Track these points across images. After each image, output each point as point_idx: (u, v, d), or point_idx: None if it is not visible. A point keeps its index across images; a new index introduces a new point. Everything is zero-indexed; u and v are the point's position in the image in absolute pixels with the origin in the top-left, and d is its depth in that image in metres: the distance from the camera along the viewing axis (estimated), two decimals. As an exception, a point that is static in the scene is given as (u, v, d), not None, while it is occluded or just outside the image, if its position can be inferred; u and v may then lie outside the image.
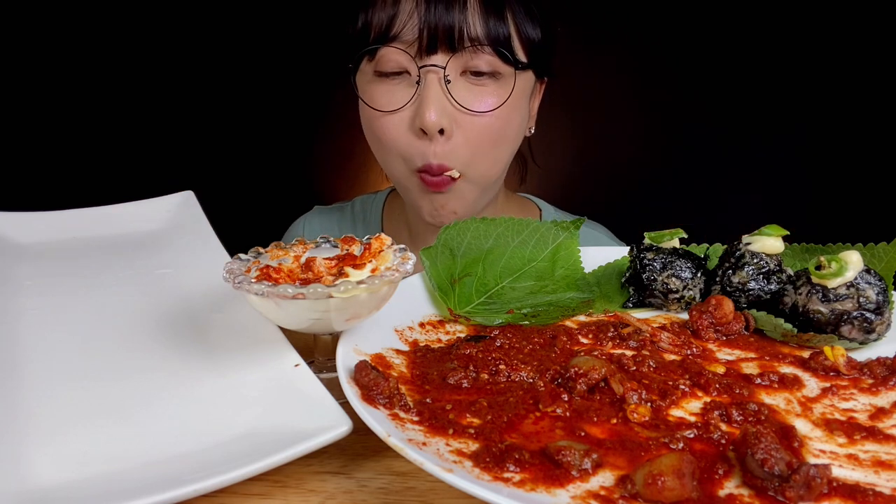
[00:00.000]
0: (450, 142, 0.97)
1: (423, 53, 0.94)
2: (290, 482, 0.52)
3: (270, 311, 0.57)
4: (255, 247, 0.64)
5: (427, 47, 0.93)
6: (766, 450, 0.43)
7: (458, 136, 0.97)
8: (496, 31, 0.95)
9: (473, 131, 0.98)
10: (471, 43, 0.94)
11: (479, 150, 0.99)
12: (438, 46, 0.93)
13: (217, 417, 0.54)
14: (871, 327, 0.65)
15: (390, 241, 0.63)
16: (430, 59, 0.94)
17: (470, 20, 0.93)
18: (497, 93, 0.98)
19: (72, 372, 0.59)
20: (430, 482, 0.51)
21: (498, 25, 0.95)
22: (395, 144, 1.00)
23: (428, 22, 0.92)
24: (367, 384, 0.52)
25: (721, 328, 0.68)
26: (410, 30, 0.93)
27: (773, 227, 0.73)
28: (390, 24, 0.94)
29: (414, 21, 0.93)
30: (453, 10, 0.92)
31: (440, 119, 0.94)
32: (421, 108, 0.94)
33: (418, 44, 0.94)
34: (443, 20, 0.92)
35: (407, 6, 0.94)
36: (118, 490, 0.44)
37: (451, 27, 0.92)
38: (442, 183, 0.99)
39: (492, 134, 0.99)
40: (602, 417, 0.52)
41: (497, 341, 0.65)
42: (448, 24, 0.92)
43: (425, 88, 0.95)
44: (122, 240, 0.84)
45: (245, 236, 0.78)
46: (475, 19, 0.94)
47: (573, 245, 0.84)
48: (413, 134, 0.98)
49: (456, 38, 0.93)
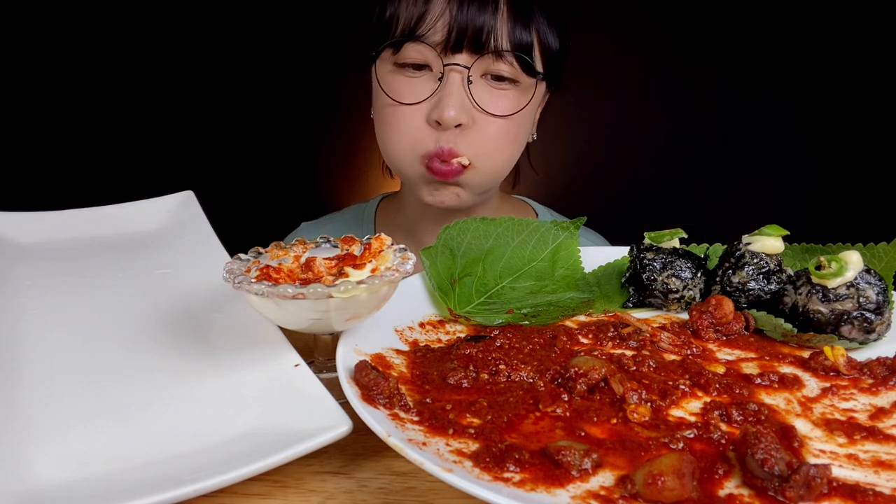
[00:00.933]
0: (464, 134, 0.99)
1: (449, 51, 0.96)
2: (290, 482, 0.52)
3: (270, 311, 0.57)
4: (255, 247, 0.64)
5: (454, 46, 0.96)
6: (766, 450, 0.43)
7: (473, 131, 1.00)
8: (521, 39, 0.98)
9: (489, 131, 1.00)
10: (495, 48, 0.96)
11: (493, 146, 1.02)
12: (464, 47, 0.96)
13: (217, 417, 0.54)
14: (871, 327, 0.65)
15: (390, 241, 0.63)
16: (454, 58, 0.97)
17: (498, 25, 0.96)
18: (515, 98, 1.01)
19: (72, 372, 0.59)
20: (430, 482, 0.51)
21: (523, 33, 0.98)
22: (407, 132, 1.01)
23: (458, 21, 0.95)
24: (367, 384, 0.52)
25: (721, 328, 0.68)
26: (440, 29, 0.96)
27: (773, 227, 0.73)
28: (419, 21, 0.97)
29: (444, 20, 0.95)
30: (485, 13, 0.95)
31: (459, 115, 0.96)
32: (441, 104, 0.97)
33: (445, 41, 0.96)
34: (474, 21, 0.95)
35: (438, 6, 0.96)
36: (118, 490, 0.44)
37: (480, 30, 0.95)
38: (450, 172, 1.00)
39: (506, 135, 1.02)
40: (602, 417, 0.52)
41: (497, 341, 0.65)
42: (477, 26, 0.95)
43: (448, 85, 0.97)
44: (122, 240, 0.84)
45: (245, 236, 0.78)
46: (503, 25, 0.96)
47: (573, 245, 0.84)
48: (428, 125, 1.00)
49: (483, 41, 0.96)
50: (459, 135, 0.99)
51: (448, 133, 0.98)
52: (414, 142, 1.01)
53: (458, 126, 0.98)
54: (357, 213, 1.32)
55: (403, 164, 1.05)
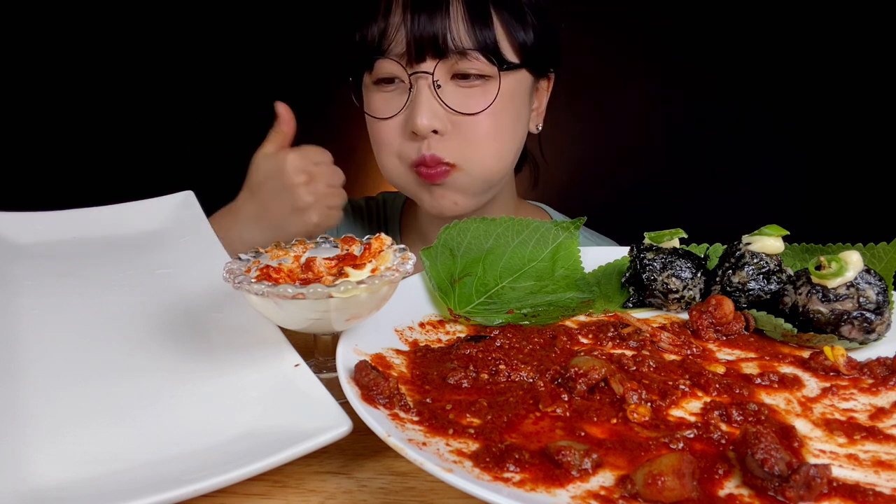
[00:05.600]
0: (444, 139, 1.01)
1: (413, 62, 0.99)
2: (290, 482, 0.52)
3: (270, 311, 0.57)
4: (255, 247, 0.64)
5: (415, 55, 0.99)
6: (766, 450, 0.43)
7: (452, 134, 1.01)
8: (482, 37, 0.99)
9: (468, 130, 1.02)
10: (455, 49, 0.98)
11: (476, 145, 1.03)
12: (426, 54, 0.98)
13: (217, 417, 0.54)
14: (871, 327, 0.65)
15: (390, 241, 0.63)
16: (419, 67, 0.99)
17: (454, 27, 0.98)
18: (487, 93, 1.02)
19: (72, 372, 0.59)
20: (430, 482, 0.51)
21: (483, 31, 0.99)
22: (390, 146, 1.05)
23: (413, 32, 0.98)
24: (367, 384, 0.52)
25: (721, 328, 0.68)
26: (400, 41, 0.99)
27: (773, 227, 0.73)
28: (382, 38, 1.00)
29: (402, 32, 0.98)
30: (436, 18, 0.97)
31: (431, 122, 0.99)
32: (413, 113, 0.99)
33: (408, 53, 0.99)
34: (427, 29, 0.97)
35: (395, 19, 0.99)
36: (118, 490, 0.44)
37: (436, 35, 0.97)
38: (437, 174, 1.02)
39: (486, 130, 1.03)
40: (602, 417, 0.52)
41: (497, 341, 0.65)
42: (432, 33, 0.97)
43: (416, 94, 1.00)
44: (122, 240, 0.84)
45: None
46: (459, 26, 0.98)
47: (573, 245, 0.84)
48: (407, 137, 1.03)
49: (441, 45, 0.98)
50: (440, 140, 1.01)
51: (428, 140, 1.01)
52: (399, 153, 1.05)
53: (435, 132, 1.00)
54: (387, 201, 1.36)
55: (396, 176, 1.08)
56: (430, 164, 1.01)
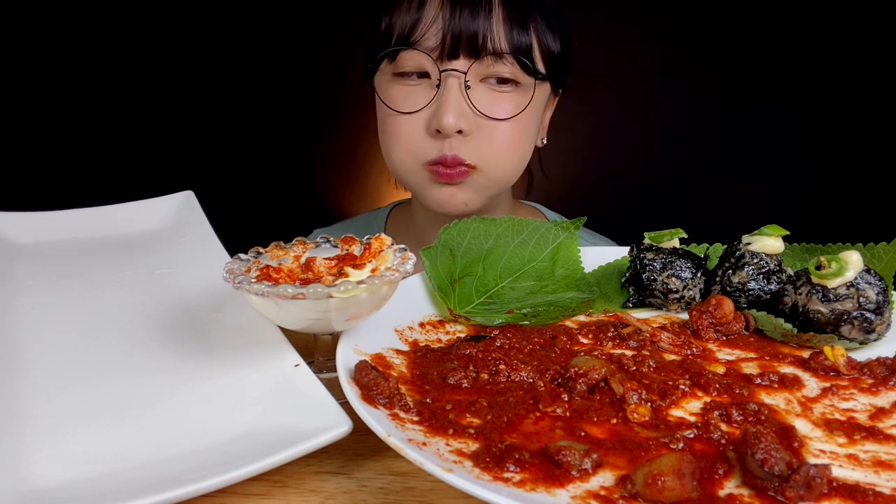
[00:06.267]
0: (467, 140, 0.98)
1: (445, 58, 0.95)
2: (290, 482, 0.52)
3: (270, 311, 0.57)
4: (255, 247, 0.64)
5: (449, 52, 0.95)
6: (766, 450, 0.43)
7: (476, 136, 0.98)
8: (519, 41, 0.96)
9: (493, 135, 0.99)
10: (493, 51, 0.95)
11: (498, 149, 1.00)
12: (461, 52, 0.95)
13: (217, 417, 0.54)
14: (871, 327, 0.65)
15: (390, 241, 0.63)
16: (451, 64, 0.96)
17: (494, 28, 0.95)
18: (516, 100, 0.99)
19: (72, 372, 0.59)
20: (430, 482, 0.51)
21: (521, 35, 0.96)
22: (408, 142, 1.01)
23: (452, 27, 0.94)
24: (367, 384, 0.52)
25: (721, 328, 0.68)
26: (434, 35, 0.95)
27: (773, 227, 0.73)
28: (413, 28, 0.96)
29: (437, 26, 0.95)
30: (478, 17, 0.94)
31: (458, 122, 0.95)
32: (440, 111, 0.95)
33: (440, 48, 0.95)
34: (467, 27, 0.94)
35: (430, 11, 0.95)
36: (118, 490, 0.44)
37: (475, 34, 0.94)
38: (456, 174, 0.99)
39: (511, 137, 1.01)
40: (602, 417, 0.52)
41: (497, 341, 0.65)
42: (472, 31, 0.94)
43: (445, 92, 0.96)
44: (122, 240, 0.84)
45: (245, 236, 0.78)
46: (499, 28, 0.95)
47: (573, 245, 0.84)
48: (428, 134, 0.99)
49: (479, 46, 0.94)
50: (463, 141, 0.98)
51: (450, 140, 0.97)
52: (415, 150, 1.00)
53: (459, 132, 0.96)
54: (368, 221, 1.32)
55: (406, 173, 1.04)
56: (451, 165, 0.98)
